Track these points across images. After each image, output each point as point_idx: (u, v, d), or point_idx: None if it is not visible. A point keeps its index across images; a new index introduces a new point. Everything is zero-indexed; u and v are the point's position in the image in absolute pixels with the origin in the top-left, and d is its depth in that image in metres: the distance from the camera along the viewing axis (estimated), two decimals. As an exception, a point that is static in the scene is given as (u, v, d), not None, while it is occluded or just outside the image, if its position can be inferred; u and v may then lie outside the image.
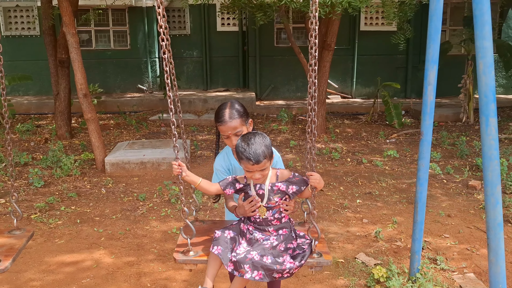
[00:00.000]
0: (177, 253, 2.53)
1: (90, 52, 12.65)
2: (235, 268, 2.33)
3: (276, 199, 2.50)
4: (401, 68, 13.24)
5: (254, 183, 2.53)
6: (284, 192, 2.51)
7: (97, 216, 5.15)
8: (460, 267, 3.97)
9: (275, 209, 2.53)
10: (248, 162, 2.38)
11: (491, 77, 2.25)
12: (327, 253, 2.53)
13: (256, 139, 2.42)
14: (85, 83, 6.62)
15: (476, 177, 6.40)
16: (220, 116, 2.59)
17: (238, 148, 2.43)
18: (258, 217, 2.54)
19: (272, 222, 2.53)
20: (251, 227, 2.56)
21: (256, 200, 2.48)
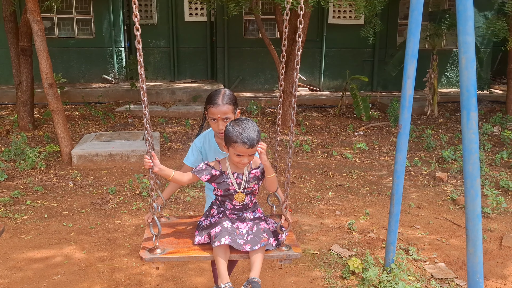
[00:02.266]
0: (143, 250, 2.46)
1: (52, 40, 12.18)
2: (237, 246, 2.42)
3: (252, 186, 2.62)
4: (368, 61, 13.43)
5: (233, 171, 2.58)
6: (258, 178, 2.63)
7: (65, 210, 4.99)
8: (431, 257, 4.07)
9: (251, 194, 2.65)
10: (243, 145, 2.42)
11: (472, 72, 2.29)
12: (297, 245, 2.55)
13: (249, 124, 2.48)
14: (50, 72, 6.37)
15: (443, 169, 6.58)
16: (214, 99, 2.66)
17: (232, 132, 2.45)
18: (237, 204, 2.61)
19: (249, 205, 2.67)
20: (232, 216, 2.62)
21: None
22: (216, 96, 2.68)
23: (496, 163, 6.71)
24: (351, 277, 3.69)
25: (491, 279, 3.69)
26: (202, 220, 2.68)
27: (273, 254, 2.50)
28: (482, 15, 12.78)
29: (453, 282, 3.66)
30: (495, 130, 8.65)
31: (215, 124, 2.68)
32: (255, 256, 2.45)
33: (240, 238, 2.49)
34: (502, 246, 4.25)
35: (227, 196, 2.62)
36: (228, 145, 2.51)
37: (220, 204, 2.67)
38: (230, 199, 2.62)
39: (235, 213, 2.63)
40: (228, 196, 2.62)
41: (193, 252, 2.49)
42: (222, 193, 2.63)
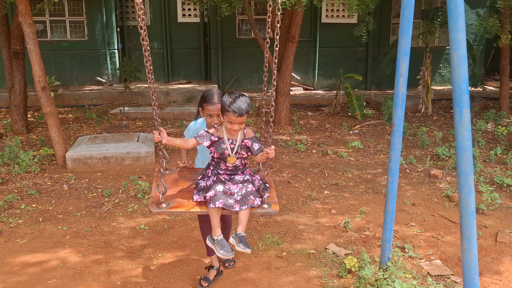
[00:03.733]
0: (151, 205, 2.91)
1: (45, 43, 12.15)
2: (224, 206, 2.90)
3: (243, 152, 3.09)
4: (361, 60, 13.46)
5: (228, 138, 3.05)
6: (248, 147, 3.08)
7: (60, 213, 4.96)
8: (427, 254, 4.08)
9: (241, 159, 3.11)
10: (233, 114, 2.90)
11: (464, 69, 2.30)
12: (276, 203, 3.05)
13: (240, 97, 2.94)
14: (43, 75, 6.34)
15: (437, 166, 6.60)
16: (211, 98, 3.19)
17: (225, 102, 2.92)
18: (230, 166, 3.09)
19: (239, 167, 3.13)
20: (225, 176, 3.07)
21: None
22: (212, 96, 3.19)
23: (491, 160, 6.73)
24: (348, 275, 3.69)
25: (487, 275, 3.70)
26: (199, 179, 3.12)
27: (256, 211, 2.99)
28: (475, 12, 12.83)
29: (449, 279, 3.67)
30: (489, 127, 8.68)
31: (211, 119, 3.18)
32: (242, 214, 2.94)
33: (231, 198, 2.96)
34: (497, 242, 4.26)
35: (221, 158, 3.08)
36: (223, 114, 2.98)
37: (215, 165, 3.12)
38: (224, 161, 3.08)
39: (228, 173, 3.10)
40: (222, 158, 3.07)
41: (192, 207, 2.95)
42: (218, 156, 3.08)
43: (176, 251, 4.14)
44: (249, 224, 4.61)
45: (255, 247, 4.18)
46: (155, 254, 4.08)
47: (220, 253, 2.93)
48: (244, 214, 2.95)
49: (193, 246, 4.22)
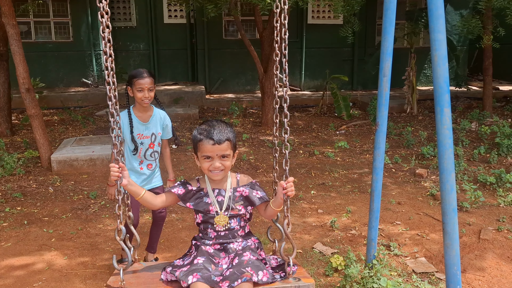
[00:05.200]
0: None
1: (29, 44, 12.03)
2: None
3: (239, 207, 2.23)
4: (347, 60, 13.56)
5: (213, 188, 2.25)
6: (247, 198, 2.26)
7: (45, 216, 4.92)
8: (412, 252, 4.13)
9: (239, 218, 2.26)
10: (208, 142, 2.13)
11: (445, 69, 2.35)
12: (308, 277, 2.21)
13: (218, 123, 2.22)
14: (27, 77, 6.29)
15: (422, 165, 6.68)
16: (140, 73, 3.29)
17: (197, 131, 2.21)
18: (221, 230, 2.24)
19: (238, 232, 2.27)
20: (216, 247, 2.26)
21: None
22: (140, 71, 3.32)
23: (474, 158, 6.84)
24: (334, 274, 3.72)
25: (470, 272, 3.77)
26: (177, 260, 2.32)
27: (281, 286, 2.10)
28: (458, 13, 13.01)
29: (433, 276, 3.72)
30: (472, 126, 8.81)
31: (142, 93, 3.27)
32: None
33: (216, 274, 2.10)
34: (480, 239, 4.33)
35: (207, 221, 2.26)
36: (196, 151, 2.23)
37: (202, 235, 2.31)
38: (212, 225, 2.25)
39: (220, 241, 2.25)
40: (209, 221, 2.25)
41: None
42: (202, 219, 2.28)
43: (163, 252, 4.13)
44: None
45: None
46: (142, 256, 4.06)
47: None
48: None
49: (180, 247, 4.22)
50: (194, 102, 11.61)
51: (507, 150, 6.94)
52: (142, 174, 3.47)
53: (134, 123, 3.35)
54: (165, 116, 3.51)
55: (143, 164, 3.47)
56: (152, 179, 3.57)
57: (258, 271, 2.08)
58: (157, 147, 3.50)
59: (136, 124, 3.36)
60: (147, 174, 3.49)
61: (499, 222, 4.72)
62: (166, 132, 3.52)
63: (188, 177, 5.97)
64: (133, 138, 3.35)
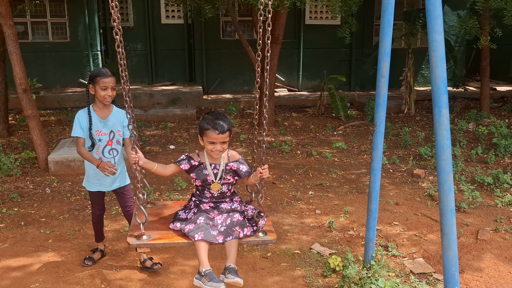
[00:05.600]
0: (130, 237, 2.71)
1: (26, 45, 11.98)
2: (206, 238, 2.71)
3: (229, 177, 2.92)
4: (345, 61, 13.56)
5: (210, 162, 2.90)
6: (235, 171, 2.92)
7: (42, 217, 4.91)
8: (410, 253, 4.14)
9: (228, 184, 2.95)
10: (214, 131, 2.76)
11: (443, 70, 2.34)
12: (272, 231, 2.84)
13: (220, 114, 2.84)
14: (24, 77, 6.26)
15: (420, 166, 6.69)
16: (103, 72, 3.43)
17: (204, 121, 2.80)
18: (215, 193, 2.93)
19: (226, 194, 2.97)
20: (210, 204, 2.92)
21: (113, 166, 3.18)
22: (103, 70, 3.45)
23: (472, 159, 6.85)
24: (332, 275, 3.72)
25: (468, 272, 3.77)
26: (180, 210, 2.96)
27: (250, 240, 2.78)
28: (456, 14, 13.03)
29: (431, 276, 3.72)
30: (470, 127, 8.83)
31: (105, 91, 3.41)
32: (229, 245, 2.73)
33: (214, 229, 2.75)
34: (478, 239, 4.34)
35: (205, 186, 2.92)
36: (202, 135, 2.84)
37: (200, 194, 2.96)
38: (208, 189, 2.92)
39: (214, 201, 2.93)
40: (206, 186, 2.92)
41: (176, 238, 2.75)
42: (201, 183, 2.93)
43: (161, 253, 4.12)
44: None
45: (240, 248, 4.19)
46: (139, 257, 4.05)
47: (208, 285, 2.61)
48: (230, 246, 2.72)
49: (178, 248, 4.21)
50: (191, 103, 11.59)
51: (505, 150, 6.96)
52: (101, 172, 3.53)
53: (93, 120, 3.49)
54: (125, 114, 3.55)
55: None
56: (117, 178, 3.67)
57: (244, 228, 2.78)
58: (116, 145, 3.60)
59: (95, 121, 3.50)
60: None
61: (497, 222, 4.72)
62: (127, 130, 3.59)
63: (186, 178, 5.95)
64: (91, 135, 3.49)
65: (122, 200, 3.82)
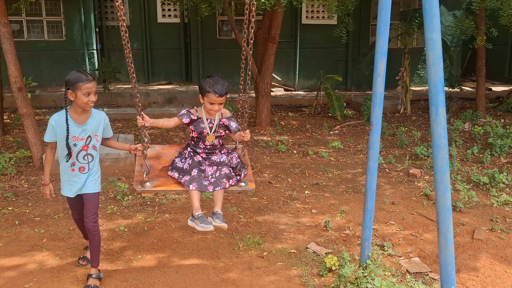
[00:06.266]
0: (136, 184, 3.23)
1: (22, 43, 11.93)
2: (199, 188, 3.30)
3: (221, 131, 3.41)
4: (341, 61, 13.57)
5: (206, 117, 3.37)
6: (226, 126, 3.41)
7: (37, 216, 4.88)
8: (406, 252, 4.13)
9: (220, 137, 3.44)
10: (214, 94, 3.23)
11: (440, 68, 2.34)
12: (252, 181, 3.41)
13: (220, 79, 3.29)
14: (19, 76, 6.23)
15: (416, 165, 6.69)
16: (85, 77, 3.24)
17: (206, 84, 3.27)
18: (208, 144, 3.40)
19: (217, 146, 3.46)
20: (203, 155, 3.40)
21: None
22: (85, 76, 3.25)
23: (468, 159, 6.86)
24: (328, 274, 3.71)
25: (464, 272, 3.77)
26: (176, 158, 3.46)
27: (232, 189, 3.32)
28: (452, 14, 13.06)
29: (427, 276, 3.72)
30: (466, 126, 8.84)
31: (89, 97, 3.24)
32: (217, 194, 3.28)
33: (205, 180, 3.28)
34: (474, 239, 4.34)
35: (200, 138, 3.40)
36: (203, 95, 3.31)
37: (194, 144, 3.44)
38: (203, 140, 3.39)
39: (206, 152, 3.41)
40: (201, 137, 3.39)
41: (174, 186, 3.29)
42: (197, 135, 3.40)
43: (156, 252, 4.10)
44: (230, 225, 4.60)
45: (235, 248, 4.18)
46: (134, 256, 4.04)
47: (200, 226, 3.16)
48: (218, 195, 3.28)
49: (174, 247, 4.19)
50: (187, 102, 11.56)
51: (500, 150, 6.97)
52: (74, 176, 3.40)
53: (70, 126, 3.29)
54: (106, 117, 3.51)
55: (75, 166, 3.39)
56: (87, 183, 3.44)
57: (230, 180, 3.33)
58: (91, 150, 3.41)
59: (72, 127, 3.29)
60: (80, 176, 3.40)
61: (493, 222, 4.73)
62: (107, 131, 3.53)
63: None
64: (68, 144, 3.30)
65: (85, 209, 3.49)
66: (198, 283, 3.62)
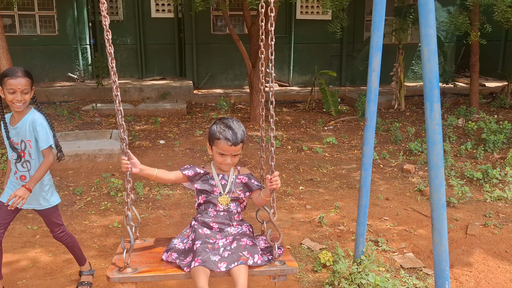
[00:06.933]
0: (111, 270, 2.28)
1: (14, 38, 11.83)
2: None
3: (238, 192, 2.54)
4: (336, 56, 13.56)
5: (218, 173, 2.55)
6: (246, 184, 2.58)
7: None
8: (400, 248, 4.14)
9: (237, 203, 2.56)
10: (226, 142, 2.45)
11: (435, 64, 2.33)
12: (292, 260, 2.42)
13: (234, 123, 2.54)
14: (11, 71, 6.16)
15: (410, 161, 6.71)
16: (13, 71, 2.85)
17: (215, 129, 2.49)
18: (221, 209, 2.50)
19: (235, 216, 2.54)
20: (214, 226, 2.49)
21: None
22: (14, 70, 2.86)
23: (461, 154, 6.88)
24: (322, 270, 3.71)
25: (458, 267, 3.78)
26: (175, 239, 2.56)
27: (265, 270, 2.29)
28: (446, 10, 13.08)
29: (421, 271, 3.73)
30: (459, 122, 8.87)
31: (12, 96, 2.84)
32: (236, 272, 2.21)
33: (215, 253, 2.30)
34: (467, 234, 4.35)
35: (210, 201, 2.51)
36: (211, 144, 2.53)
37: (202, 213, 2.54)
38: (213, 204, 2.50)
39: (218, 221, 2.49)
40: (211, 200, 2.51)
41: (170, 270, 2.31)
42: (205, 199, 2.53)
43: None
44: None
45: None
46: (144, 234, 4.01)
47: None
48: (238, 273, 2.20)
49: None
50: (181, 97, 11.52)
51: (494, 146, 7.00)
52: (17, 184, 3.05)
53: (9, 127, 2.99)
54: (35, 121, 2.96)
55: (17, 174, 3.05)
56: (38, 197, 3.09)
57: (254, 255, 2.33)
58: (28, 157, 3.00)
59: (9, 127, 2.98)
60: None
61: (486, 217, 4.75)
62: (38, 140, 2.97)
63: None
64: (11, 144, 2.98)
65: (46, 224, 3.26)
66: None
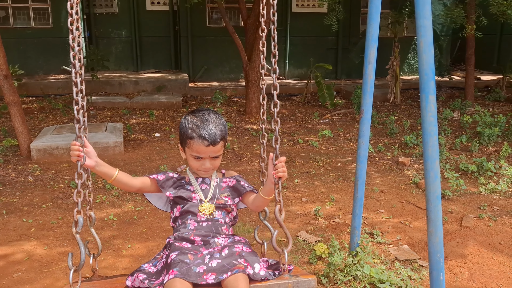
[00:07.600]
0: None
1: (7, 30, 11.73)
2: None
3: (225, 198, 2.02)
4: (331, 49, 13.54)
5: (195, 176, 2.03)
6: (234, 188, 2.06)
7: (25, 205, 4.82)
8: (395, 240, 4.16)
9: (224, 211, 2.01)
10: (201, 142, 1.90)
11: (431, 56, 2.33)
12: (305, 273, 2.00)
13: (211, 116, 1.98)
14: (5, 63, 6.12)
15: (405, 154, 6.72)
16: None
17: (187, 125, 1.94)
18: (203, 218, 1.95)
19: (222, 227, 1.99)
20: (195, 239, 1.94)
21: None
22: None
23: (456, 147, 6.90)
24: (318, 262, 3.72)
25: (452, 259, 3.80)
26: (146, 265, 2.00)
27: (272, 284, 1.81)
28: (442, 3, 13.06)
29: (416, 263, 3.75)
30: (454, 115, 8.89)
31: None
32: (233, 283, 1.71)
33: (198, 263, 1.78)
34: (462, 226, 4.38)
35: (188, 210, 1.98)
36: (184, 145, 1.98)
37: (179, 228, 2.00)
38: (193, 214, 1.97)
39: (201, 233, 1.94)
40: (189, 209, 1.98)
41: None
42: (181, 209, 2.00)
43: (146, 241, 4.09)
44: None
45: None
46: (124, 245, 4.02)
47: None
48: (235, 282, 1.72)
49: (163, 236, 4.17)
50: (177, 90, 11.48)
51: (488, 139, 7.02)
52: None
53: None
54: None
55: None
56: None
57: (254, 264, 1.82)
58: None
59: None
60: None
61: (480, 209, 4.77)
62: None
63: (172, 166, 5.92)
64: None
65: None
66: (188, 271, 3.61)
